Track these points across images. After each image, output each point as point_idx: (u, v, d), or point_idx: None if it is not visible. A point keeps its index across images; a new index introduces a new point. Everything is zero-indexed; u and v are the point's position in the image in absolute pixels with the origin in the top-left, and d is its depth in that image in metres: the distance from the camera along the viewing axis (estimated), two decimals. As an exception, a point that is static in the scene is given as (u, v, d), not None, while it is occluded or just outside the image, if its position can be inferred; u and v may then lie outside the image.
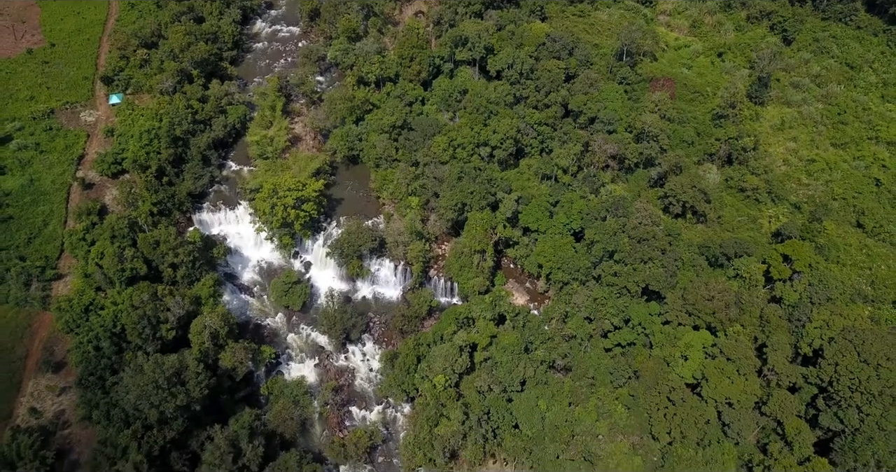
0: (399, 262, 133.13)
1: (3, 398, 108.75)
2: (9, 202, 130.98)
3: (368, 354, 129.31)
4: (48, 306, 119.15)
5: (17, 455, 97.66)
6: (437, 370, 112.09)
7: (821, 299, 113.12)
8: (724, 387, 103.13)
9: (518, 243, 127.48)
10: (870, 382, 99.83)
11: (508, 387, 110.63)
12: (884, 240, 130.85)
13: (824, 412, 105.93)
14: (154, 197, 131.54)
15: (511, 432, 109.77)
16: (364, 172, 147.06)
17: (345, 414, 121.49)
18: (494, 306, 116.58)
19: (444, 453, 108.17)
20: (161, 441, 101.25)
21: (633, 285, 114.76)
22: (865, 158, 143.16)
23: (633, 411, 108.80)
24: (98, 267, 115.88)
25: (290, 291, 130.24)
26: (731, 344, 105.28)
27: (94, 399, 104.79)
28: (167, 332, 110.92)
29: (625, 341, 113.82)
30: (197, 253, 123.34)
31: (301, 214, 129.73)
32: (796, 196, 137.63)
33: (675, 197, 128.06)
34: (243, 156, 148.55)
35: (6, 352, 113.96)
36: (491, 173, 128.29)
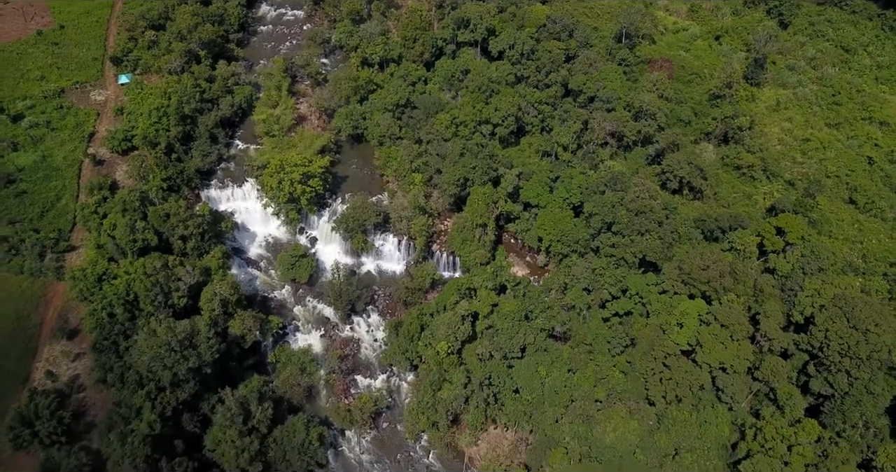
0: (402, 237, 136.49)
1: (20, 362, 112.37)
2: (22, 177, 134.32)
3: (373, 325, 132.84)
4: (62, 277, 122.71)
5: (34, 415, 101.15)
6: (439, 338, 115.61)
7: (813, 270, 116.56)
8: (718, 352, 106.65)
9: (519, 218, 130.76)
10: (858, 347, 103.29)
11: (509, 353, 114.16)
12: (875, 215, 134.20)
13: (815, 378, 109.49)
14: (164, 173, 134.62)
15: (512, 396, 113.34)
16: (368, 151, 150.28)
17: (350, 382, 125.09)
18: (496, 276, 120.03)
19: (446, 416, 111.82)
20: (174, 403, 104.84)
21: (630, 256, 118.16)
22: (859, 137, 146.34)
23: (629, 376, 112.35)
24: (110, 238, 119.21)
25: (297, 264, 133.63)
26: (724, 311, 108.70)
27: (109, 363, 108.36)
28: (178, 299, 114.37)
29: (622, 310, 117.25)
30: (206, 226, 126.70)
31: (307, 190, 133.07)
32: (791, 174, 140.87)
33: (672, 173, 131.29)
34: (250, 135, 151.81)
35: (22, 320, 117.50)
36: (493, 150, 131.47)
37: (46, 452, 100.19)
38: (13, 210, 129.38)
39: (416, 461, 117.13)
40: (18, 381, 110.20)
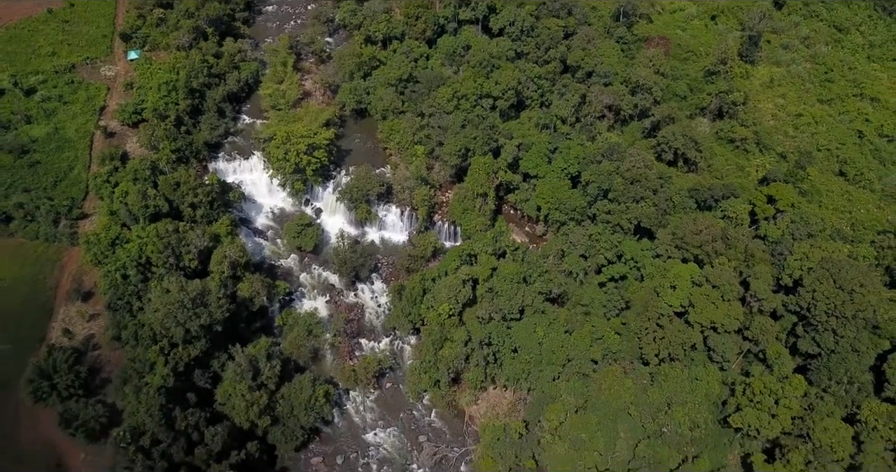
0: (405, 207, 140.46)
1: (37, 322, 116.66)
2: (35, 148, 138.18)
3: (377, 291, 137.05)
4: (76, 242, 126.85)
5: (52, 369, 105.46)
6: (441, 300, 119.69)
7: (802, 236, 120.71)
8: (709, 312, 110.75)
9: (518, 188, 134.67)
10: (844, 306, 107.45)
11: (508, 315, 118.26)
12: (864, 187, 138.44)
13: (803, 338, 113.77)
14: (173, 145, 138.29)
15: (510, 356, 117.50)
16: (372, 126, 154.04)
17: (354, 345, 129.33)
18: (496, 241, 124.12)
19: (447, 374, 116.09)
20: (186, 359, 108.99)
21: (625, 223, 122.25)
22: (850, 112, 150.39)
23: (624, 337, 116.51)
24: (123, 204, 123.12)
25: (303, 232, 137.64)
26: (716, 273, 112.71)
27: (123, 321, 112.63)
28: (189, 262, 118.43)
29: (617, 274, 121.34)
30: (215, 195, 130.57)
31: (312, 160, 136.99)
32: (783, 147, 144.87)
33: (667, 144, 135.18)
34: (256, 110, 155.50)
35: (38, 282, 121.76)
36: (493, 121, 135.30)
37: (64, 404, 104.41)
38: (27, 179, 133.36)
39: (418, 420, 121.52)
40: (36, 340, 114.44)
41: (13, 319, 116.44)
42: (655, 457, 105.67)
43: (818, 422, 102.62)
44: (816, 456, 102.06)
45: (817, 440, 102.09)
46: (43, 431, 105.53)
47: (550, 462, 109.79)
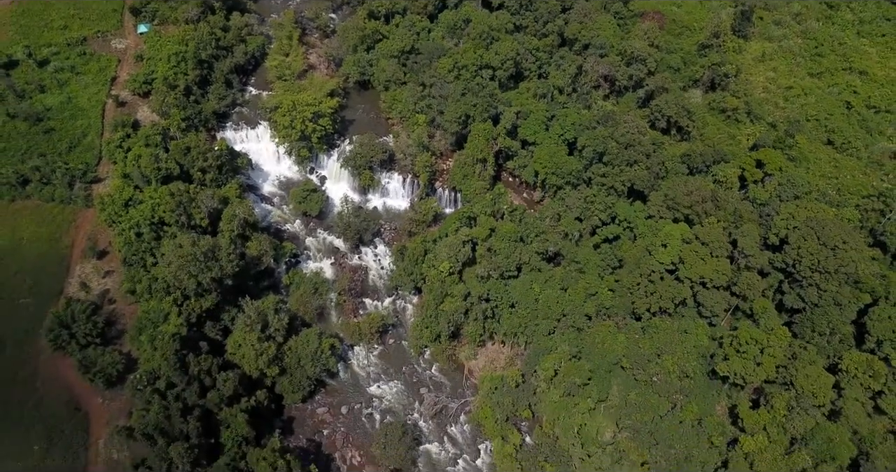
0: (407, 174, 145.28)
1: (55, 278, 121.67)
2: (50, 116, 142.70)
3: (380, 255, 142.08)
4: (90, 204, 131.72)
5: (71, 319, 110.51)
6: (442, 259, 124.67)
7: (789, 197, 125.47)
8: (699, 267, 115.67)
9: (517, 154, 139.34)
10: (827, 261, 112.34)
11: (506, 272, 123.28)
12: (851, 154, 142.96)
13: (788, 294, 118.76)
14: (182, 113, 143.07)
15: (508, 311, 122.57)
16: (374, 97, 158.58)
17: (358, 304, 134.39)
18: (494, 203, 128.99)
19: (448, 328, 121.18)
20: (198, 310, 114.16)
21: (619, 185, 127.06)
22: (839, 85, 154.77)
23: (617, 293, 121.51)
24: (136, 167, 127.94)
25: (308, 198, 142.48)
26: (705, 231, 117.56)
27: (138, 276, 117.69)
28: (200, 220, 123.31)
29: (611, 234, 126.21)
30: (224, 159, 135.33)
31: (318, 128, 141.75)
32: (773, 117, 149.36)
33: (660, 112, 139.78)
34: (262, 82, 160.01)
35: (55, 241, 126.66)
36: (493, 90, 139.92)
37: (83, 352, 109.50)
38: (43, 145, 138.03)
39: (419, 373, 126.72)
40: (54, 294, 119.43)
41: (32, 275, 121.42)
42: (646, 404, 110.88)
43: (801, 370, 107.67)
44: (799, 402, 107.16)
45: (800, 387, 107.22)
46: (62, 378, 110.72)
47: (545, 410, 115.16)
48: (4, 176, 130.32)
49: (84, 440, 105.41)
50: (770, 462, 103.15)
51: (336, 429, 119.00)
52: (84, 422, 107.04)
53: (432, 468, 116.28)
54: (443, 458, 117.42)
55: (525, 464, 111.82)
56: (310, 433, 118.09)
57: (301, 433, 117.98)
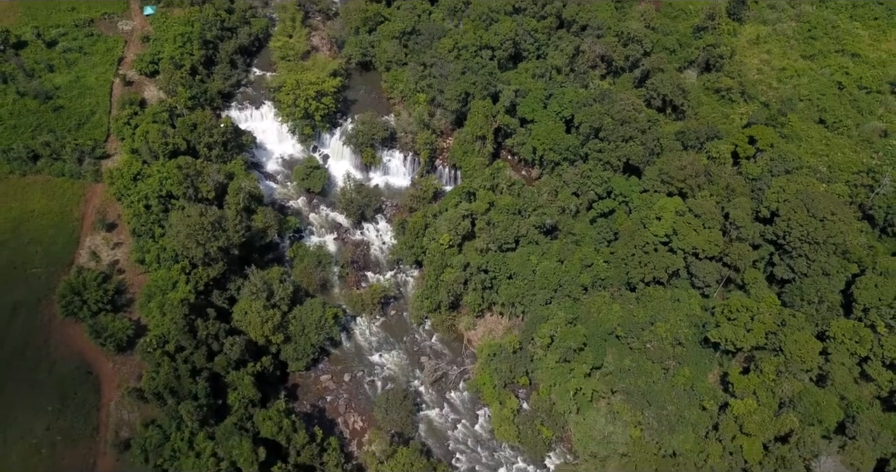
0: (408, 152, 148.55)
1: (66, 249, 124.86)
2: (59, 94, 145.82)
3: (381, 230, 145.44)
4: (99, 179, 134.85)
5: (83, 286, 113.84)
6: (442, 232, 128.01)
7: (780, 172, 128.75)
8: (691, 238, 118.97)
9: (515, 132, 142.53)
10: (816, 232, 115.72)
11: (504, 245, 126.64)
12: (842, 133, 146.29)
13: (779, 265, 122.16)
14: (188, 92, 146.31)
15: (506, 282, 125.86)
16: (376, 79, 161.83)
17: (361, 277, 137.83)
18: (493, 177, 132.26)
19: (448, 297, 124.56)
20: (205, 278, 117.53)
21: (615, 160, 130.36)
22: (831, 66, 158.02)
23: (612, 264, 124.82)
24: (144, 142, 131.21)
25: (311, 175, 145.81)
26: (698, 203, 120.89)
27: (147, 246, 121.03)
28: (207, 193, 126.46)
29: (607, 208, 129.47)
30: (229, 135, 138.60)
31: (321, 106, 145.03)
32: (766, 97, 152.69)
33: (655, 91, 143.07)
34: (266, 63, 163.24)
35: (65, 214, 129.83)
36: (492, 69, 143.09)
37: (94, 318, 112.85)
38: (52, 122, 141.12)
39: (420, 343, 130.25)
40: (65, 264, 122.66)
41: (43, 246, 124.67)
42: (639, 369, 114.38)
43: (789, 336, 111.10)
44: (787, 367, 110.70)
45: (788, 353, 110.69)
46: (74, 343, 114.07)
47: (542, 377, 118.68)
48: (16, 151, 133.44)
49: (96, 402, 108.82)
50: (759, 424, 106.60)
51: (339, 395, 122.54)
52: (95, 385, 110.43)
53: (432, 433, 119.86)
54: (442, 423, 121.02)
55: (522, 428, 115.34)
56: (313, 399, 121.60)
57: (305, 399, 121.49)
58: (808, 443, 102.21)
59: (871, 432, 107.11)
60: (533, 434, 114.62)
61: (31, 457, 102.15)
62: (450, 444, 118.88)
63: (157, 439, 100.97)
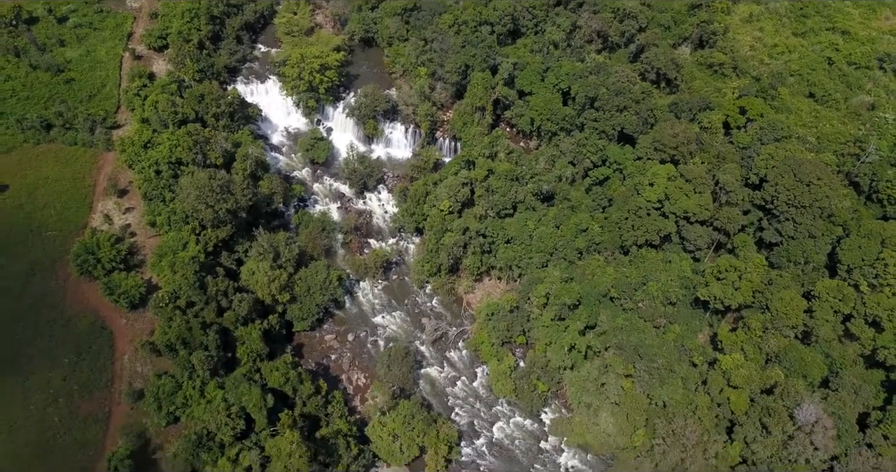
0: (409, 124, 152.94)
1: (79, 213, 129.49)
2: (70, 67, 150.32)
3: (384, 200, 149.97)
4: (110, 148, 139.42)
5: (97, 246, 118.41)
6: (442, 198, 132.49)
7: (769, 140, 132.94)
8: (682, 202, 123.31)
9: (514, 104, 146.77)
10: (803, 196, 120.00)
11: (502, 211, 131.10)
12: (830, 107, 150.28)
13: (767, 229, 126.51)
14: (196, 66, 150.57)
15: (504, 246, 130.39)
16: (378, 55, 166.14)
17: (364, 244, 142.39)
18: (493, 145, 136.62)
19: (448, 260, 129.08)
20: (214, 239, 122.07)
21: (609, 129, 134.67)
22: (822, 43, 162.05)
23: (606, 229, 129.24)
24: (154, 110, 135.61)
25: (315, 146, 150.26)
26: (689, 169, 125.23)
27: (158, 209, 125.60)
28: (215, 159, 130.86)
29: (602, 176, 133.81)
30: (236, 106, 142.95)
31: (325, 80, 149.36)
32: (757, 72, 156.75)
33: (650, 64, 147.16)
34: (271, 40, 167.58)
35: (78, 180, 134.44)
36: (491, 42, 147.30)
37: (107, 277, 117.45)
38: (64, 94, 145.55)
39: (421, 305, 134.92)
40: (79, 227, 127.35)
41: (57, 210, 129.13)
42: (631, 327, 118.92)
43: (775, 294, 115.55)
44: (773, 323, 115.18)
45: (775, 310, 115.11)
46: (88, 301, 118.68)
47: (538, 336, 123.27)
48: (29, 121, 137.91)
49: (110, 355, 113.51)
50: (745, 378, 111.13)
51: (343, 354, 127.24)
52: (110, 340, 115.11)
53: (433, 389, 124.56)
54: (442, 380, 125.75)
55: (519, 383, 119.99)
56: (318, 358, 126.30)
57: (310, 357, 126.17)
58: (792, 393, 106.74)
59: (853, 385, 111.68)
60: (529, 389, 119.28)
61: (49, 406, 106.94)
62: (449, 400, 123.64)
63: (170, 387, 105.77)
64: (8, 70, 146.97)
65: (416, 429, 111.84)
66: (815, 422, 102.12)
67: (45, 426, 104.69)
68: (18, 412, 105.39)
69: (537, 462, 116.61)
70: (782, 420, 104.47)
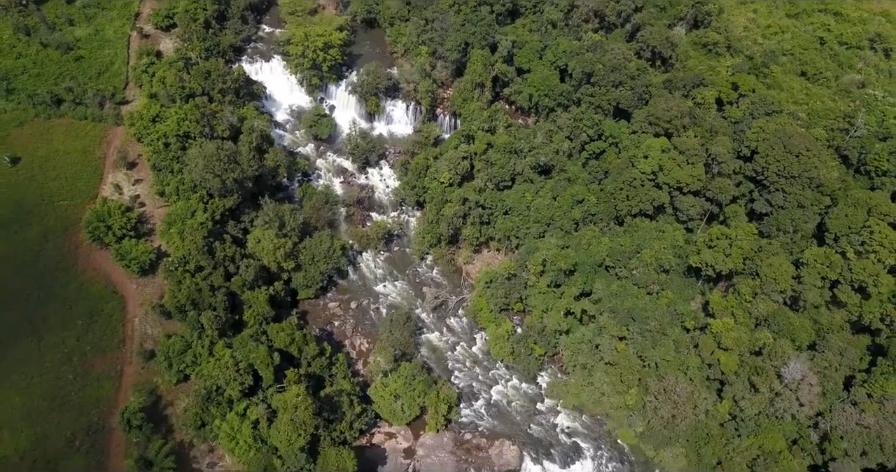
0: (410, 102, 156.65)
1: (89, 184, 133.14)
2: (80, 46, 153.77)
3: (385, 176, 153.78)
4: (119, 122, 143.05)
5: (108, 214, 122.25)
6: (442, 171, 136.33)
7: (761, 114, 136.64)
8: (676, 172, 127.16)
9: (512, 81, 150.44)
10: (792, 166, 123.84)
11: (501, 183, 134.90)
12: (821, 84, 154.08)
13: (758, 200, 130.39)
14: (203, 44, 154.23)
15: (502, 217, 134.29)
16: (380, 35, 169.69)
17: (366, 216, 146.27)
18: (491, 119, 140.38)
19: (448, 230, 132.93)
20: (221, 208, 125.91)
21: (605, 104, 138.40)
22: (814, 24, 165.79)
23: (601, 199, 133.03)
24: (162, 85, 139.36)
25: (319, 122, 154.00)
26: (682, 141, 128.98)
27: (166, 179, 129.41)
28: (222, 132, 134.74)
29: (598, 149, 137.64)
30: (241, 82, 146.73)
31: (328, 57, 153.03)
32: (751, 51, 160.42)
33: (645, 43, 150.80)
34: (275, 21, 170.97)
35: (88, 153, 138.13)
36: (490, 21, 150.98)
37: (118, 243, 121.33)
38: (74, 71, 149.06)
39: (421, 275, 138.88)
40: (90, 197, 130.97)
41: (68, 182, 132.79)
42: (625, 293, 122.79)
43: (765, 260, 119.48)
44: (763, 288, 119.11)
45: (764, 275, 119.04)
46: (100, 267, 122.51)
47: (535, 302, 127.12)
48: (40, 96, 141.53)
49: (121, 318, 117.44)
50: (735, 340, 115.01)
51: (346, 321, 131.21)
52: (121, 303, 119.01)
53: (433, 353, 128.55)
54: (442, 345, 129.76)
55: (516, 347, 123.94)
56: (322, 324, 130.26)
57: (314, 323, 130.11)
58: (780, 353, 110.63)
59: (839, 348, 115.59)
60: (526, 353, 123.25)
61: (63, 364, 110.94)
62: (449, 364, 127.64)
63: (180, 346, 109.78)
64: (19, 48, 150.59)
65: (417, 389, 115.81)
66: (801, 379, 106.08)
67: (61, 383, 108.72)
68: (34, 369, 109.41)
69: (534, 423, 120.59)
70: (770, 378, 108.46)
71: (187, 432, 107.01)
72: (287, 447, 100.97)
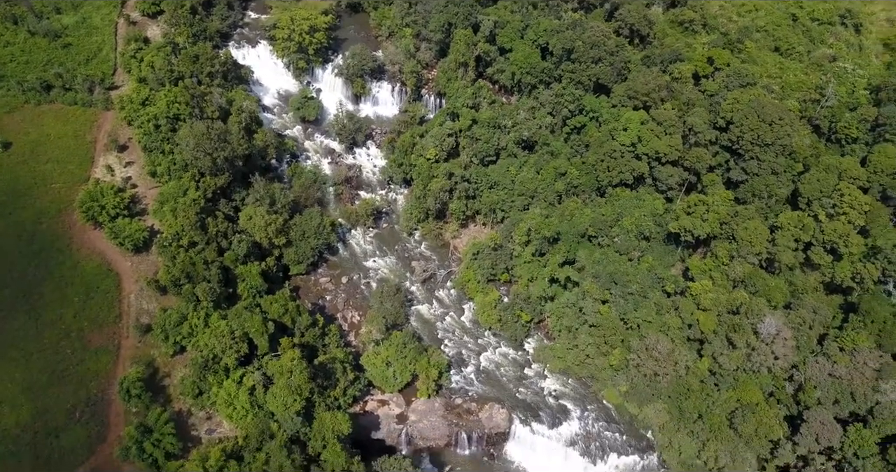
0: (396, 83, 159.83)
1: (81, 167, 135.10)
2: (67, 33, 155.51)
3: (372, 155, 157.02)
4: (109, 107, 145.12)
5: (101, 194, 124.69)
6: (429, 147, 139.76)
7: (735, 86, 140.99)
8: (654, 143, 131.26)
9: (495, 61, 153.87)
10: (766, 134, 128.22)
11: (486, 158, 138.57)
12: (794, 59, 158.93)
13: (734, 169, 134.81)
14: (189, 30, 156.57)
15: (488, 191, 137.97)
16: (365, 20, 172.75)
17: (354, 195, 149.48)
18: (475, 96, 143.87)
19: (435, 204, 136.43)
20: (213, 187, 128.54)
21: (585, 80, 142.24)
22: (787, 1, 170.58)
23: (583, 171, 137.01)
24: (150, 69, 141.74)
25: (306, 104, 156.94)
26: (660, 113, 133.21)
27: (158, 160, 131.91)
28: (212, 113, 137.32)
29: (579, 124, 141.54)
30: (229, 66, 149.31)
31: (314, 41, 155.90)
32: (726, 28, 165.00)
33: (623, 21, 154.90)
34: (261, 7, 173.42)
35: (79, 137, 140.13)
36: (472, 1, 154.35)
37: (112, 223, 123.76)
38: (62, 57, 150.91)
39: (410, 250, 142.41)
40: (82, 179, 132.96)
41: (60, 165, 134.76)
42: (607, 259, 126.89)
43: (741, 224, 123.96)
44: (739, 251, 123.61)
45: (740, 238, 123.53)
46: (95, 246, 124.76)
47: (520, 272, 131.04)
48: (30, 83, 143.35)
49: (117, 294, 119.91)
50: (713, 301, 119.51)
51: (337, 295, 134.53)
52: (116, 280, 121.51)
53: (423, 323, 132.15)
54: (432, 315, 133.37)
55: (503, 314, 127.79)
56: (314, 299, 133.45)
57: (306, 298, 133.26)
58: (756, 311, 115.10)
59: (812, 306, 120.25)
60: (513, 320, 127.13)
61: (62, 339, 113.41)
62: (439, 333, 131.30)
63: (176, 318, 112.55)
64: (7, 36, 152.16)
65: (409, 357, 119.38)
66: (776, 334, 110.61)
67: (59, 358, 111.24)
68: (33, 344, 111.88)
69: (522, 387, 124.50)
70: (746, 334, 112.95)
71: (185, 400, 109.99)
72: (283, 412, 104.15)
